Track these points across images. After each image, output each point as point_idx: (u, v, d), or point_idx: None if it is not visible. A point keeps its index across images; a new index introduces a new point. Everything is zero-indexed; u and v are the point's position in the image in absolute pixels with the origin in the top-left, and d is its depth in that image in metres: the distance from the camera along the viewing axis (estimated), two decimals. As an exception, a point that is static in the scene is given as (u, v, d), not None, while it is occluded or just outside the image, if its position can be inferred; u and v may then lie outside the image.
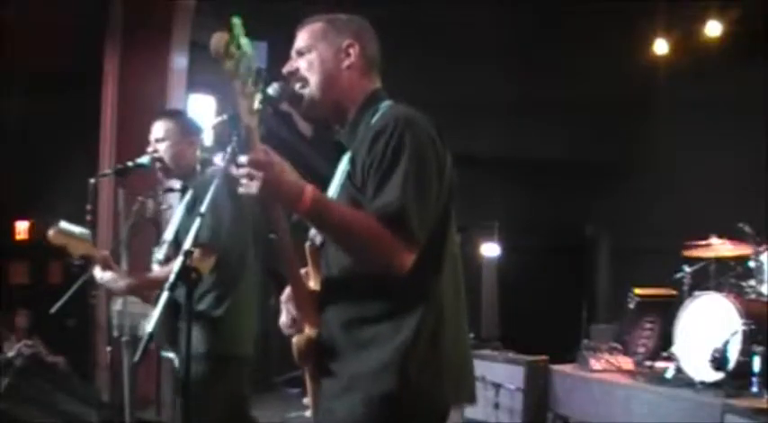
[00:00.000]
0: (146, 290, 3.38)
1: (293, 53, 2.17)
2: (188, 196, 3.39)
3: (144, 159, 3.49)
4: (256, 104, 1.81)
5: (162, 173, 3.52)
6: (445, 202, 2.03)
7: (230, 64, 1.73)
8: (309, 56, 2.13)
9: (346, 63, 2.13)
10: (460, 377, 2.06)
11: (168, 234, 3.45)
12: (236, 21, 1.75)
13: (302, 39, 2.16)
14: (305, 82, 2.12)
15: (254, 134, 1.82)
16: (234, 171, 1.84)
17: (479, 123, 8.25)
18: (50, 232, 3.31)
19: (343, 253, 1.97)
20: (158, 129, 3.49)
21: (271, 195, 1.84)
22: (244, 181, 1.83)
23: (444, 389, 2.00)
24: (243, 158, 1.82)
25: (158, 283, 3.33)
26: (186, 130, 3.50)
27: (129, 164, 3.54)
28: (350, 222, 1.90)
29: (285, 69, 2.15)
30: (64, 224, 3.35)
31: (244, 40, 1.75)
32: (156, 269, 3.42)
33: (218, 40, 1.72)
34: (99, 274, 3.34)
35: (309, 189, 1.86)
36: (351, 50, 2.13)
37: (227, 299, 3.26)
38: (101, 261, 3.34)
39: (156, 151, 3.47)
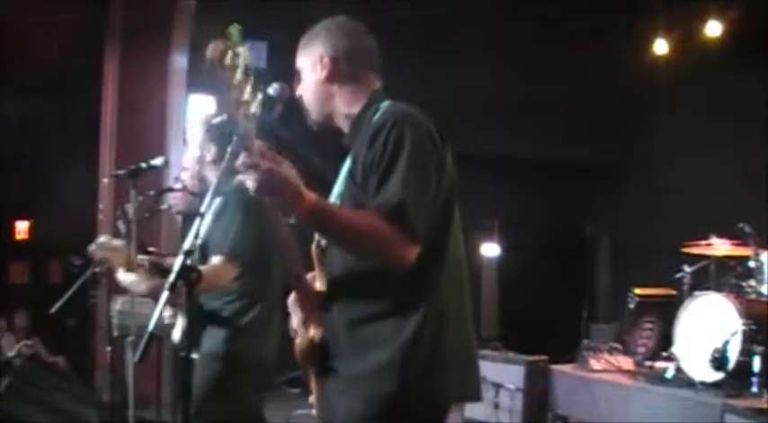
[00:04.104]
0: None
1: None
2: (217, 203, 3.35)
3: (157, 161, 3.46)
4: (253, 109, 1.82)
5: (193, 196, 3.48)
6: (446, 199, 2.02)
7: (227, 73, 1.73)
8: (300, 77, 2.18)
9: (324, 75, 2.13)
10: (464, 376, 2.06)
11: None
12: (234, 29, 1.75)
13: (297, 60, 2.20)
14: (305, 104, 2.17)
15: (251, 139, 1.83)
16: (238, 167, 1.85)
17: (479, 123, 8.24)
18: (92, 248, 3.26)
19: (346, 253, 1.99)
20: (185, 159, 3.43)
21: (270, 195, 1.85)
22: (246, 182, 1.84)
23: (445, 388, 2.01)
24: (240, 161, 1.83)
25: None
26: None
27: (143, 165, 3.50)
28: (350, 223, 1.91)
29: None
30: (103, 239, 3.30)
31: (240, 49, 1.75)
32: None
33: (213, 50, 1.73)
34: (122, 276, 3.28)
35: (309, 193, 1.87)
36: (324, 60, 2.13)
37: (253, 308, 3.20)
38: (124, 263, 3.26)
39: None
